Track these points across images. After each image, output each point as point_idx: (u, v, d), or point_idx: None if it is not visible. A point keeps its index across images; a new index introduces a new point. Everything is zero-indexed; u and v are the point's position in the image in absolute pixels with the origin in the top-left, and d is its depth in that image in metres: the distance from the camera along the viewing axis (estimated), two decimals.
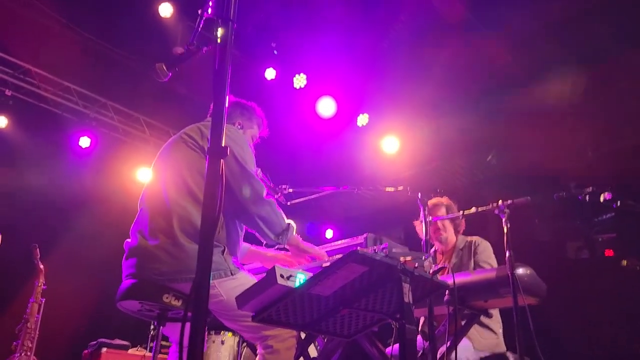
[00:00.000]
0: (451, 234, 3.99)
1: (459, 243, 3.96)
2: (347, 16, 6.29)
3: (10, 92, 6.83)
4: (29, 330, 4.21)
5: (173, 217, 2.49)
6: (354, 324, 2.19)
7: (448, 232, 3.98)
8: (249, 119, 3.05)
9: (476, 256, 3.80)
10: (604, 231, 6.95)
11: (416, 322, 1.99)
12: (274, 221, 2.63)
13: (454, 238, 4.00)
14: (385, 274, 1.89)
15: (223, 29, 1.50)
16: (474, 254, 3.82)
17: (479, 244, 3.87)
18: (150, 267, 2.44)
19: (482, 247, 3.84)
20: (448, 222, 3.98)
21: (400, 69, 6.85)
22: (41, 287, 4.45)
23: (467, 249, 3.89)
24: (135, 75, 7.41)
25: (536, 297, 2.77)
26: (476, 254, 3.81)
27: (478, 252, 3.81)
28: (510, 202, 3.04)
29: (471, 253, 3.84)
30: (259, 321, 2.03)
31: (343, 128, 7.76)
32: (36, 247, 4.50)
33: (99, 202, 7.19)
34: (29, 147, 6.97)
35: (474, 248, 3.85)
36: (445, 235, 3.96)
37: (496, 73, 6.69)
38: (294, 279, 1.89)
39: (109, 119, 7.73)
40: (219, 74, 1.40)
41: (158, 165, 2.81)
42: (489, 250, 3.84)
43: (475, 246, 3.86)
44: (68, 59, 6.90)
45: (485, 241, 3.91)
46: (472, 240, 3.94)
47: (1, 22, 6.48)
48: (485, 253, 3.80)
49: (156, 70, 2.02)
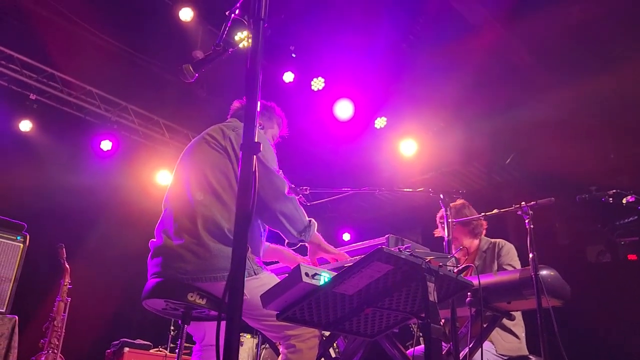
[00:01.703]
0: (467, 241, 3.94)
1: (482, 245, 3.92)
2: (365, 19, 6.30)
3: (35, 96, 6.97)
4: (56, 329, 4.28)
5: (197, 217, 2.51)
6: (378, 323, 2.19)
7: (463, 241, 3.94)
8: (269, 119, 3.07)
9: (500, 258, 3.76)
10: (627, 235, 6.86)
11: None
12: (296, 217, 2.62)
13: (472, 243, 3.96)
14: (409, 272, 1.89)
15: (255, 29, 1.51)
16: (498, 256, 3.78)
17: (502, 246, 3.83)
18: (175, 266, 2.46)
19: (505, 249, 3.80)
20: (459, 231, 3.91)
21: (418, 72, 6.84)
22: (67, 286, 4.52)
23: (490, 251, 3.85)
24: (155, 79, 7.52)
25: (560, 299, 2.74)
26: (500, 256, 3.77)
27: (502, 255, 3.77)
28: (533, 203, 3.03)
29: (494, 255, 3.80)
30: (283, 320, 2.04)
31: (361, 131, 7.77)
32: (62, 246, 4.58)
33: (120, 204, 7.30)
34: (53, 150, 7.11)
35: (497, 250, 3.81)
36: (460, 244, 3.92)
37: (517, 77, 6.65)
38: (319, 277, 1.89)
39: (129, 122, 7.84)
40: (250, 72, 1.42)
41: (182, 165, 2.83)
42: (512, 252, 3.80)
43: (499, 248, 3.82)
44: (91, 63, 7.02)
45: (509, 243, 3.86)
46: (495, 242, 3.89)
47: (26, 27, 6.63)
48: (509, 255, 3.76)
49: (183, 71, 2.06)
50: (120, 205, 7.28)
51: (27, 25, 6.60)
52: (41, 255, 4.96)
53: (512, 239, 4.08)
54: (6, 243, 3.99)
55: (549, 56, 6.37)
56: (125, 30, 6.89)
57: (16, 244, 4.01)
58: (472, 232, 3.95)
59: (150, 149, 8.06)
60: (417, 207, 8.63)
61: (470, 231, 3.94)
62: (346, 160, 8.30)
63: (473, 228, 3.94)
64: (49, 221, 6.14)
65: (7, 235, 4.00)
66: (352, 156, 8.28)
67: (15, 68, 6.80)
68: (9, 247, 3.99)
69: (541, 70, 6.57)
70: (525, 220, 3.04)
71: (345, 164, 8.30)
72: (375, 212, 9.66)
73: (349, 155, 8.27)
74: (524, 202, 3.06)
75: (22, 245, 4.02)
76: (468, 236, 3.95)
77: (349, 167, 8.29)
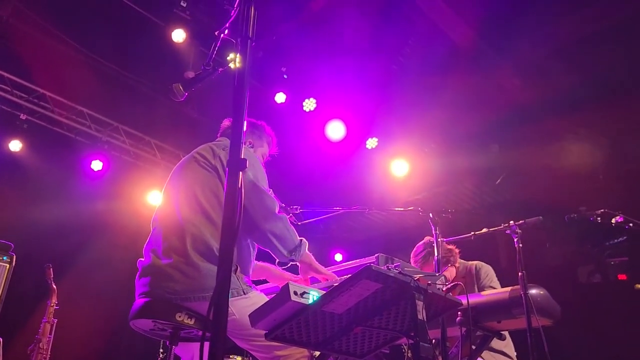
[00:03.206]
0: (447, 273, 3.79)
1: (460, 271, 3.89)
2: (357, 40, 6.38)
3: (25, 116, 6.96)
4: (41, 351, 4.20)
5: (186, 236, 2.50)
6: (367, 342, 2.18)
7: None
8: (259, 137, 3.08)
9: (479, 281, 3.74)
10: (616, 255, 6.89)
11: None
12: (287, 237, 2.61)
13: (451, 273, 3.84)
14: (398, 291, 1.89)
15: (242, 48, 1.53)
16: (477, 278, 3.77)
17: (480, 268, 3.81)
18: (163, 285, 2.44)
19: (484, 271, 3.78)
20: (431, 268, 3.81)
21: (409, 93, 6.91)
22: (54, 307, 4.45)
23: (468, 275, 3.81)
24: (146, 99, 7.54)
25: (550, 318, 2.74)
26: (479, 279, 3.75)
27: (481, 277, 3.76)
28: (522, 222, 3.04)
29: (473, 278, 3.78)
30: (272, 339, 2.02)
31: (352, 151, 7.81)
32: (50, 267, 4.52)
33: (110, 224, 7.24)
34: (43, 170, 7.07)
35: (475, 273, 3.79)
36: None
37: (506, 98, 6.73)
38: (308, 296, 1.89)
39: (120, 142, 7.83)
40: (238, 90, 1.44)
41: (171, 184, 2.83)
42: (491, 273, 3.78)
43: (477, 271, 3.79)
44: (82, 84, 7.04)
45: (485, 265, 3.84)
46: (472, 265, 3.87)
47: (17, 47, 6.65)
48: (488, 277, 3.74)
49: (173, 90, 2.07)
50: (110, 225, 7.23)
51: (17, 45, 6.62)
52: (28, 276, 4.90)
53: (502, 259, 4.10)
54: None
55: (538, 78, 6.46)
56: (117, 51, 6.93)
57: (2, 264, 3.97)
58: (446, 264, 3.85)
59: (141, 169, 8.04)
60: (408, 227, 8.63)
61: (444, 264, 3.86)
62: (338, 180, 8.33)
63: (446, 262, 3.83)
64: (37, 241, 6.08)
65: None
66: (343, 176, 8.31)
67: (6, 88, 6.80)
68: None
69: (530, 93, 6.65)
70: (514, 240, 3.05)
71: (337, 184, 8.32)
72: (367, 232, 9.65)
73: (340, 175, 8.30)
74: (512, 221, 3.08)
75: (9, 265, 3.97)
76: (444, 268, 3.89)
77: (340, 187, 8.30)
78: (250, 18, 1.58)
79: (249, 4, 1.60)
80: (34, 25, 6.44)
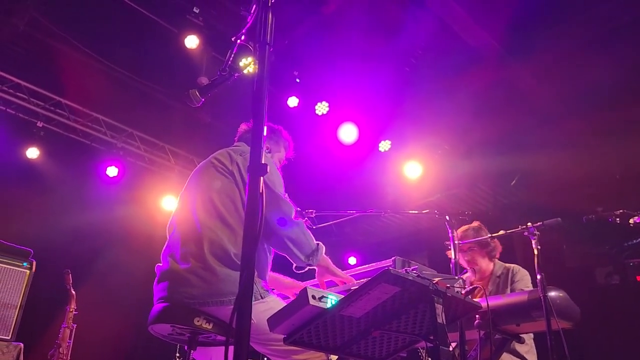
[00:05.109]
0: (485, 263, 3.90)
1: (496, 270, 3.87)
2: (368, 43, 6.37)
3: (42, 123, 7.05)
4: (61, 356, 4.24)
5: (204, 241, 2.51)
6: (386, 346, 2.17)
7: (480, 263, 3.89)
8: (276, 142, 3.08)
9: (513, 284, 3.71)
10: (635, 256, 6.79)
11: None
12: (303, 242, 2.60)
13: (488, 266, 3.91)
14: (417, 294, 1.88)
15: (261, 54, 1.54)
16: (512, 282, 3.74)
17: (516, 272, 3.78)
18: (181, 290, 2.45)
19: (520, 275, 3.76)
20: (477, 252, 3.88)
21: (422, 95, 6.88)
22: (73, 313, 4.50)
23: (504, 276, 3.80)
24: (160, 105, 7.61)
25: (570, 320, 2.71)
26: (513, 282, 3.73)
27: (515, 280, 3.73)
28: (540, 224, 3.01)
29: (508, 281, 3.76)
30: (290, 343, 2.03)
31: (366, 154, 7.79)
32: (69, 272, 4.57)
33: (126, 229, 7.31)
34: (60, 176, 7.15)
35: (511, 276, 3.77)
36: (477, 267, 3.87)
37: (522, 100, 6.67)
38: (326, 300, 1.89)
39: (135, 148, 7.89)
40: (257, 95, 1.44)
41: (188, 189, 2.84)
42: (527, 278, 3.75)
43: (513, 274, 3.77)
44: (97, 91, 7.12)
45: (523, 269, 3.81)
46: (510, 267, 3.85)
47: (33, 56, 6.75)
48: (523, 281, 3.71)
49: (189, 96, 2.08)
50: (126, 230, 7.29)
51: (34, 53, 6.72)
52: (47, 282, 4.95)
53: (519, 261, 4.05)
54: (13, 269, 4.00)
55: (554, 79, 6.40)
56: (131, 58, 7.00)
57: (23, 270, 4.02)
58: (489, 254, 3.90)
59: (155, 175, 8.10)
60: (422, 229, 8.60)
61: (487, 253, 3.89)
62: (351, 183, 8.31)
63: (491, 250, 3.89)
64: (55, 247, 6.15)
65: (13, 262, 4.01)
66: (357, 179, 8.29)
67: (23, 96, 6.89)
68: (15, 273, 4.00)
69: (545, 95, 6.59)
70: (532, 241, 3.02)
71: (351, 187, 8.30)
72: (381, 235, 9.62)
73: (354, 178, 8.28)
74: (530, 223, 3.05)
75: (29, 271, 4.02)
76: (485, 258, 3.90)
77: (354, 190, 8.29)
78: (268, 24, 1.59)
79: (266, 10, 1.61)
80: (50, 33, 6.53)
